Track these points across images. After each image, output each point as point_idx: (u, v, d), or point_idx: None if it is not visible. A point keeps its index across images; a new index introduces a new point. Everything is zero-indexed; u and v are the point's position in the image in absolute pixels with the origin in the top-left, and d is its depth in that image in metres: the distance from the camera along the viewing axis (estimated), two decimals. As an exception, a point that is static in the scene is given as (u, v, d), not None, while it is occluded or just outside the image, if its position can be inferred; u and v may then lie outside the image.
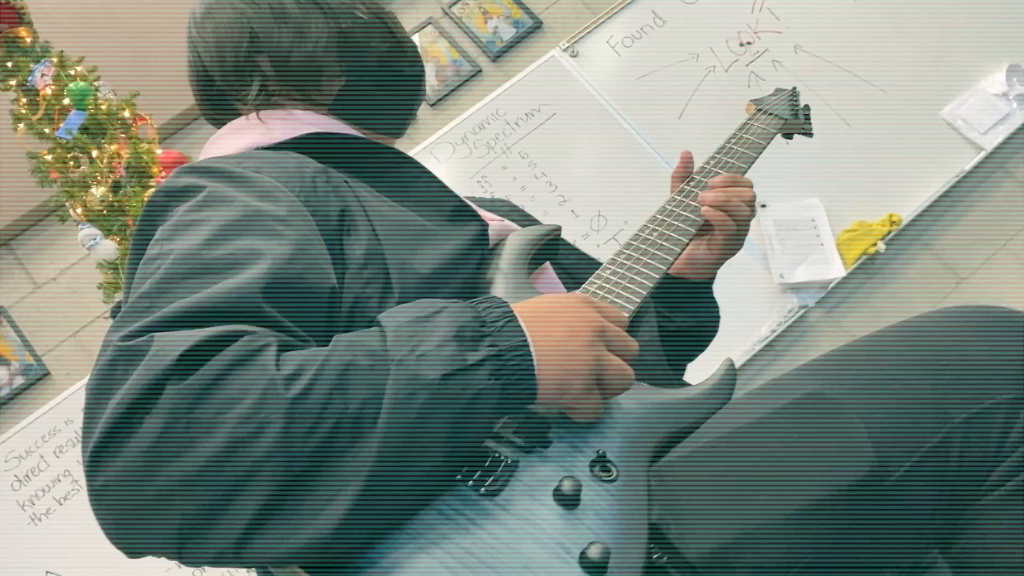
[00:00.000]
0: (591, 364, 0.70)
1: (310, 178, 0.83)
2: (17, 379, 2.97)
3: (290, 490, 0.58)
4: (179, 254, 0.71)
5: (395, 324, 0.66)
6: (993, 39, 3.02)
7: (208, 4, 1.00)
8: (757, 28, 3.13)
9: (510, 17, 3.31)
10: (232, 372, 0.60)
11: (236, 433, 0.58)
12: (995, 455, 0.67)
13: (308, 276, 0.73)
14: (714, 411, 0.78)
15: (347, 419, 0.60)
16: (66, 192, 2.39)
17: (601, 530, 0.64)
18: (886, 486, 0.67)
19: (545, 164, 3.02)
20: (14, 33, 2.46)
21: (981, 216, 2.91)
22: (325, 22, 0.97)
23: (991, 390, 0.68)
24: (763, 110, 1.22)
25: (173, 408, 0.59)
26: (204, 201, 0.78)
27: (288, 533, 0.58)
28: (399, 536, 0.62)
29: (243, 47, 0.96)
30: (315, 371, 0.61)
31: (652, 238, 0.99)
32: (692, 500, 0.69)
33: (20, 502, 2.71)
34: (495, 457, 0.68)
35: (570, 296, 0.75)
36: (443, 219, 0.92)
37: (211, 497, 0.57)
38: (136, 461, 0.58)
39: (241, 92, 0.98)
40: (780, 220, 2.86)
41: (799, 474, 0.68)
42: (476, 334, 0.66)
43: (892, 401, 0.69)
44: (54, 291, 3.13)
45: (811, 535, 0.67)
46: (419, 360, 0.63)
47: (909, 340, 0.74)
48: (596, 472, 0.69)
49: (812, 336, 2.82)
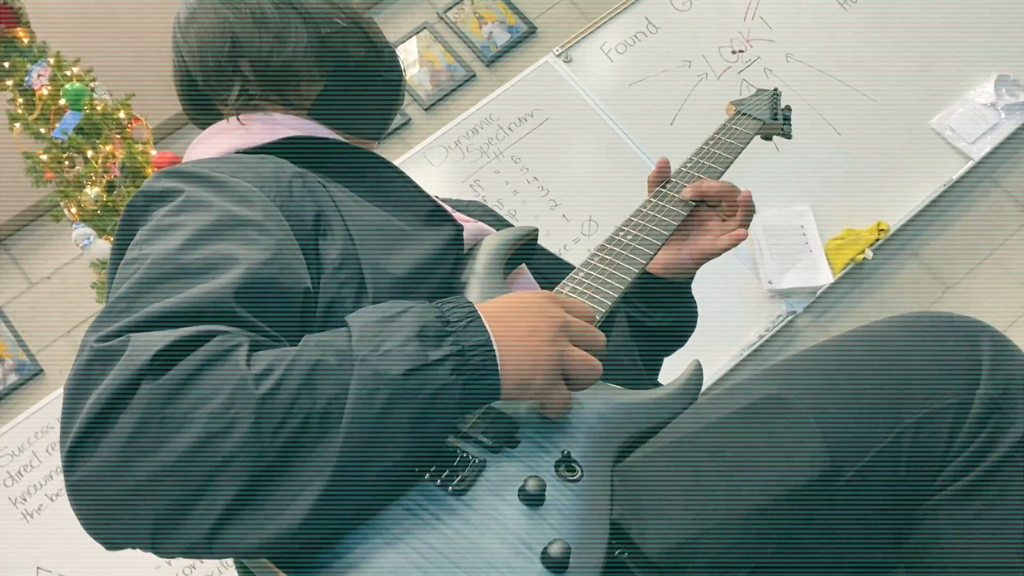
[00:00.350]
0: (554, 360, 0.72)
1: (286, 182, 0.86)
2: (11, 376, 2.99)
3: (259, 484, 0.61)
4: (156, 257, 0.74)
5: (361, 324, 0.69)
6: (982, 49, 3.05)
7: (192, 8, 1.03)
8: (749, 36, 3.16)
9: (504, 22, 3.34)
10: (204, 371, 0.63)
11: (207, 429, 0.60)
12: (943, 455, 0.69)
13: (281, 279, 0.75)
14: (680, 412, 0.80)
15: (314, 416, 0.62)
16: (61, 192, 2.41)
17: (564, 528, 0.67)
18: (839, 485, 0.69)
19: (537, 169, 3.04)
20: (11, 33, 2.48)
21: (968, 225, 2.94)
22: (304, 27, 0.99)
23: (940, 393, 0.70)
24: (742, 112, 1.23)
25: (147, 406, 0.61)
26: (181, 205, 0.80)
27: (257, 526, 0.60)
28: (368, 532, 0.64)
29: (224, 51, 0.99)
30: (284, 370, 0.64)
31: (627, 240, 1.01)
32: (652, 499, 0.71)
33: (12, 499, 2.73)
34: (463, 456, 0.70)
35: (534, 293, 0.77)
36: (418, 221, 0.94)
37: (183, 491, 0.60)
38: (111, 457, 0.60)
39: (223, 94, 1.01)
40: (769, 226, 2.89)
41: (755, 473, 0.70)
42: (439, 332, 0.68)
43: (845, 403, 0.71)
44: (48, 289, 3.15)
45: (767, 533, 0.69)
46: (382, 357, 0.65)
47: (863, 345, 0.76)
48: (561, 472, 0.71)
49: (800, 342, 2.85)
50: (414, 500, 0.66)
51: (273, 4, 0.99)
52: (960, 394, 0.70)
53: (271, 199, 0.82)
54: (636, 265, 0.97)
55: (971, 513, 0.68)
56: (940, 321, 0.76)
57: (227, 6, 1.00)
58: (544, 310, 0.74)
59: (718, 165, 1.12)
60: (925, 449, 0.69)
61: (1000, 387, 0.70)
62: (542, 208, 2.98)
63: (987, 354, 0.72)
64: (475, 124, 3.10)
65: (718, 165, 1.12)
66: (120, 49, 2.94)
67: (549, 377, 0.72)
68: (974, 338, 0.73)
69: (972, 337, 0.73)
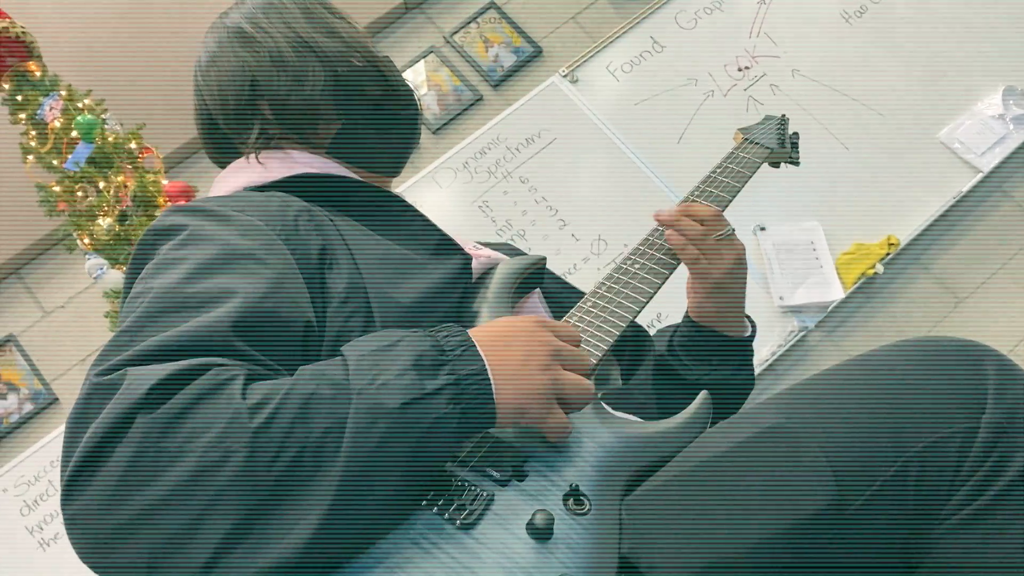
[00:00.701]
0: (547, 386, 0.73)
1: (292, 217, 0.87)
2: (26, 405, 3.01)
3: (255, 516, 0.61)
4: (157, 291, 0.75)
5: (357, 355, 0.70)
6: (989, 61, 3.05)
7: (212, 52, 1.04)
8: (755, 53, 3.17)
9: (510, 45, 3.36)
10: (199, 403, 0.64)
11: (202, 461, 0.61)
12: (951, 482, 0.69)
13: (280, 311, 0.76)
14: (687, 444, 0.80)
15: (310, 447, 0.63)
16: (74, 223, 2.43)
17: (572, 562, 0.67)
18: (846, 515, 0.69)
19: (545, 189, 3.05)
20: (24, 67, 2.52)
21: (979, 237, 2.92)
22: (322, 69, 1.01)
23: (945, 420, 0.70)
24: (750, 139, 1.22)
25: (142, 438, 0.62)
26: (185, 240, 0.82)
27: (254, 557, 0.61)
28: (377, 566, 0.65)
29: (244, 93, 1.01)
30: (279, 401, 0.64)
31: (634, 270, 1.00)
32: (661, 532, 0.71)
33: (29, 527, 2.74)
34: (471, 490, 0.70)
35: (524, 318, 0.78)
36: (427, 252, 0.95)
37: (179, 523, 0.60)
38: (107, 489, 0.61)
39: (243, 135, 1.03)
40: (779, 243, 2.89)
41: (763, 505, 0.70)
42: (435, 362, 0.69)
43: (850, 433, 0.71)
44: (62, 318, 3.17)
45: (776, 564, 0.69)
46: (379, 389, 0.66)
47: (867, 373, 0.76)
48: (569, 505, 0.71)
49: (813, 358, 2.84)
50: (422, 534, 0.67)
51: (291, 46, 1.01)
52: (966, 420, 0.69)
53: (276, 233, 0.84)
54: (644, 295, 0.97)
55: (979, 539, 0.68)
56: (944, 346, 0.75)
57: (246, 49, 1.02)
58: (536, 336, 0.75)
59: (725, 193, 1.11)
60: (932, 476, 0.69)
61: (1006, 412, 0.69)
62: (551, 228, 2.99)
63: (992, 379, 0.71)
64: (483, 146, 3.11)
65: (725, 193, 1.11)
66: (129, 79, 2.97)
67: (543, 403, 0.73)
68: (978, 363, 0.73)
69: (976, 362, 0.73)
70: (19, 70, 2.52)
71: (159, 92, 2.86)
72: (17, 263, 3.24)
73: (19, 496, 2.78)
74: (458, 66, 3.34)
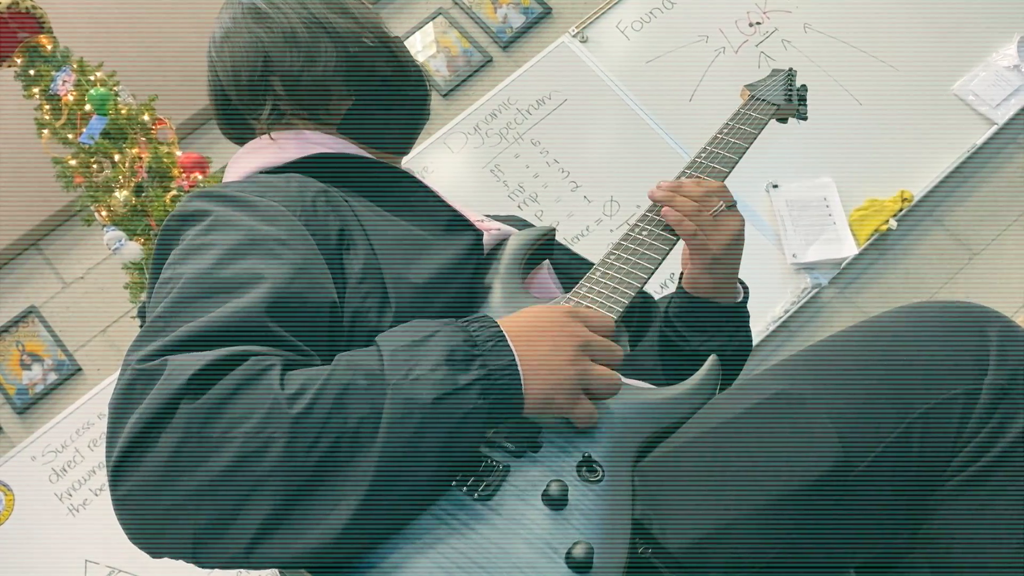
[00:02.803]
0: (574, 378, 0.75)
1: (311, 200, 0.89)
2: (50, 375, 3.06)
3: (295, 500, 0.64)
4: (189, 277, 0.78)
5: (392, 348, 0.72)
6: (1004, 11, 3.00)
7: (226, 28, 1.06)
8: (766, 8, 3.13)
9: (519, 5, 3.33)
10: (239, 393, 0.66)
11: (244, 449, 0.64)
12: (953, 445, 0.70)
13: (309, 294, 0.78)
14: (698, 409, 0.82)
15: (347, 435, 0.66)
16: (90, 196, 2.45)
17: (587, 529, 0.69)
18: (851, 478, 0.71)
19: (557, 151, 3.05)
20: (35, 41, 2.52)
21: (993, 190, 2.91)
22: (334, 47, 1.03)
23: (948, 384, 0.71)
24: (756, 96, 1.21)
25: (186, 427, 0.65)
26: (211, 225, 0.84)
27: (294, 539, 0.64)
28: (398, 539, 0.68)
29: (257, 69, 1.03)
30: (316, 390, 0.67)
31: (642, 237, 1.01)
32: (673, 496, 0.74)
33: (58, 494, 2.81)
34: (488, 463, 0.73)
35: (555, 309, 0.80)
36: (439, 230, 0.97)
37: (222, 507, 0.64)
38: (154, 474, 0.65)
39: (255, 111, 1.05)
40: (792, 200, 2.88)
41: (770, 469, 0.72)
42: (467, 356, 0.71)
43: (855, 397, 0.73)
44: (82, 289, 3.21)
45: (783, 526, 0.71)
46: (413, 383, 0.68)
47: (871, 338, 0.77)
48: (583, 473, 0.74)
49: (826, 314, 2.85)
50: (442, 507, 0.70)
51: (304, 24, 1.03)
52: (968, 383, 0.71)
53: (297, 217, 0.86)
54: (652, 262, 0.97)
55: (982, 500, 0.70)
56: (947, 311, 0.77)
57: (260, 26, 1.03)
58: (566, 328, 0.77)
59: (732, 154, 1.10)
60: (935, 439, 0.71)
61: (1008, 374, 0.71)
62: (563, 190, 2.99)
63: (994, 342, 0.73)
64: (493, 109, 3.10)
65: (732, 154, 1.10)
66: (139, 50, 2.98)
67: (570, 394, 0.75)
68: (981, 326, 0.74)
69: (979, 325, 0.74)
70: (30, 44, 2.53)
71: (169, 62, 2.87)
72: (36, 235, 3.27)
73: (47, 464, 2.84)
74: (467, 28, 3.32)
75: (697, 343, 1.10)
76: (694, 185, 1.03)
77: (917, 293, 2.83)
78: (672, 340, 1.12)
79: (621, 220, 2.93)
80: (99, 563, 2.72)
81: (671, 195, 1.03)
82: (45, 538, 2.76)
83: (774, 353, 2.79)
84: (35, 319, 3.14)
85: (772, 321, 2.78)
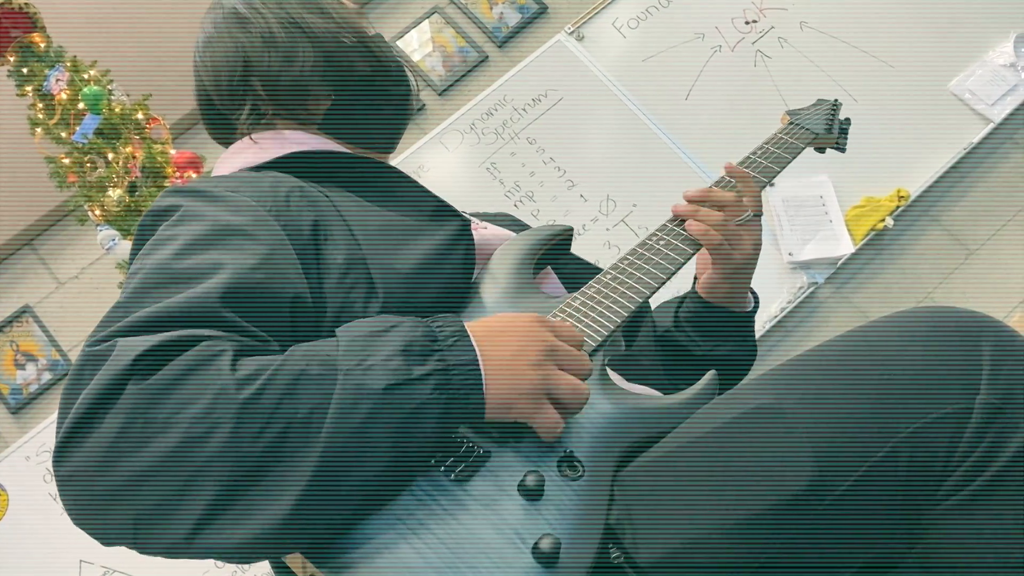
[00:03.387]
0: (537, 384, 0.73)
1: (283, 195, 0.89)
2: (45, 375, 3.05)
3: (240, 487, 0.63)
4: (150, 267, 0.78)
5: (349, 337, 0.72)
6: (1000, 9, 3.00)
7: (208, 33, 1.08)
8: (762, 6, 3.13)
9: (515, 2, 3.33)
10: (188, 375, 0.66)
11: (189, 432, 0.63)
12: (944, 466, 0.67)
13: (269, 283, 0.78)
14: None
15: (295, 424, 0.65)
16: (84, 195, 2.44)
17: (558, 524, 0.69)
18: (829, 500, 0.68)
19: (553, 149, 3.04)
20: (28, 39, 2.51)
21: (990, 188, 2.91)
22: (311, 47, 1.04)
23: (938, 401, 0.68)
24: (796, 123, 1.19)
25: (132, 408, 0.64)
26: (179, 219, 0.85)
27: (236, 528, 0.63)
28: (372, 513, 0.68)
29: (237, 71, 1.04)
30: (268, 377, 0.66)
31: (659, 247, 0.99)
32: (646, 507, 0.72)
33: (53, 494, 2.79)
34: (469, 446, 0.73)
35: (524, 315, 0.79)
36: (424, 217, 0.96)
37: (164, 492, 0.63)
38: (96, 455, 0.64)
39: (237, 112, 1.05)
40: (788, 198, 2.88)
41: (742, 487, 0.69)
42: (425, 349, 0.70)
43: (838, 415, 0.70)
44: (77, 288, 3.20)
45: (755, 545, 0.69)
46: (366, 372, 0.68)
47: (859, 350, 0.74)
48: (563, 469, 0.73)
49: (822, 313, 2.85)
50: (418, 484, 0.70)
51: (281, 26, 1.04)
52: (958, 402, 0.67)
53: (266, 210, 0.86)
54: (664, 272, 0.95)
55: (974, 523, 0.67)
56: (940, 319, 0.73)
57: (240, 29, 1.05)
58: (533, 333, 0.76)
59: (762, 176, 1.08)
60: (924, 460, 0.67)
61: (1002, 390, 0.67)
62: (559, 188, 2.98)
63: (987, 355, 0.69)
64: (489, 107, 3.10)
65: (762, 176, 1.08)
66: (133, 48, 2.97)
67: (533, 399, 0.73)
68: (975, 337, 0.70)
69: (972, 336, 0.70)
70: (23, 42, 2.51)
71: (163, 60, 2.85)
72: (30, 234, 3.26)
73: (42, 463, 2.83)
74: (463, 25, 3.32)
75: (707, 348, 1.10)
76: (721, 194, 1.04)
77: (913, 291, 2.83)
78: (681, 343, 1.12)
79: (617, 219, 2.92)
80: (93, 563, 2.71)
81: (695, 209, 1.03)
82: (40, 538, 2.75)
83: (770, 352, 2.78)
84: (29, 318, 3.13)
85: (768, 319, 2.78)
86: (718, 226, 1.02)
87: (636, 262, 0.97)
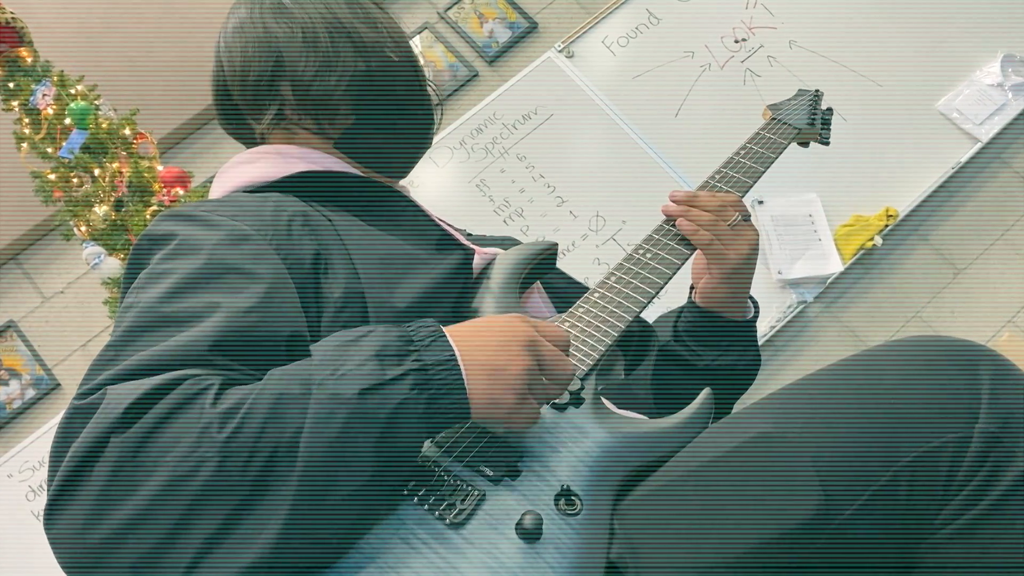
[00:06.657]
0: (522, 374, 0.71)
1: (285, 223, 0.86)
2: (28, 391, 3.02)
3: (232, 520, 0.62)
4: (142, 306, 0.76)
5: (323, 350, 0.70)
6: (987, 29, 3.02)
7: (240, 18, 0.99)
8: (751, 24, 3.14)
9: (505, 19, 3.33)
10: (170, 417, 0.64)
11: (175, 473, 0.62)
12: (943, 493, 0.67)
13: (263, 326, 0.75)
14: (685, 444, 0.78)
15: (281, 447, 0.63)
16: (70, 211, 2.42)
17: (559, 564, 0.67)
18: (834, 526, 0.67)
19: (543, 166, 3.04)
20: (15, 54, 2.49)
21: (978, 207, 2.92)
22: (354, 58, 0.96)
23: (937, 430, 0.68)
24: (778, 118, 1.16)
25: (117, 457, 0.63)
26: (175, 250, 0.81)
27: (231, 559, 0.61)
28: (364, 562, 0.65)
29: (268, 71, 0.96)
30: (248, 406, 0.65)
31: (645, 260, 0.97)
32: (649, 541, 0.70)
33: (35, 512, 2.76)
34: (463, 489, 0.70)
35: (504, 315, 0.77)
36: (427, 248, 0.93)
37: (155, 535, 0.61)
38: (85, 510, 0.62)
39: (256, 113, 0.99)
40: (777, 216, 2.88)
41: (750, 515, 0.68)
42: (400, 351, 0.68)
43: (841, 442, 0.70)
44: (62, 303, 3.17)
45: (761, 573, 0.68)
46: (339, 380, 0.65)
47: (858, 377, 0.74)
48: (560, 505, 0.71)
49: (812, 331, 2.84)
50: (412, 531, 0.67)
51: (327, 28, 0.96)
52: (958, 430, 0.67)
53: (267, 242, 0.83)
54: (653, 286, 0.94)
55: (975, 551, 0.66)
56: (937, 349, 0.73)
57: (278, 22, 0.97)
58: (513, 327, 0.74)
59: (747, 178, 1.06)
60: (924, 487, 0.67)
61: (1000, 420, 0.67)
62: (549, 205, 2.98)
63: (986, 384, 0.69)
64: (479, 123, 3.09)
65: (747, 178, 1.06)
66: (121, 64, 2.95)
67: (520, 393, 0.71)
68: (973, 367, 0.70)
69: (971, 366, 0.70)
70: (10, 56, 2.50)
71: (151, 75, 2.84)
72: (15, 249, 3.23)
73: (24, 481, 2.79)
74: (453, 42, 3.32)
75: (709, 359, 1.07)
76: (709, 197, 1.01)
77: (902, 310, 2.83)
78: (681, 356, 1.08)
79: (607, 236, 2.91)
80: (76, 583, 2.67)
81: (686, 208, 1.00)
82: (22, 557, 2.71)
83: (760, 370, 2.77)
84: (13, 334, 3.09)
85: (758, 337, 2.77)
86: (708, 225, 0.99)
87: (624, 278, 0.95)
